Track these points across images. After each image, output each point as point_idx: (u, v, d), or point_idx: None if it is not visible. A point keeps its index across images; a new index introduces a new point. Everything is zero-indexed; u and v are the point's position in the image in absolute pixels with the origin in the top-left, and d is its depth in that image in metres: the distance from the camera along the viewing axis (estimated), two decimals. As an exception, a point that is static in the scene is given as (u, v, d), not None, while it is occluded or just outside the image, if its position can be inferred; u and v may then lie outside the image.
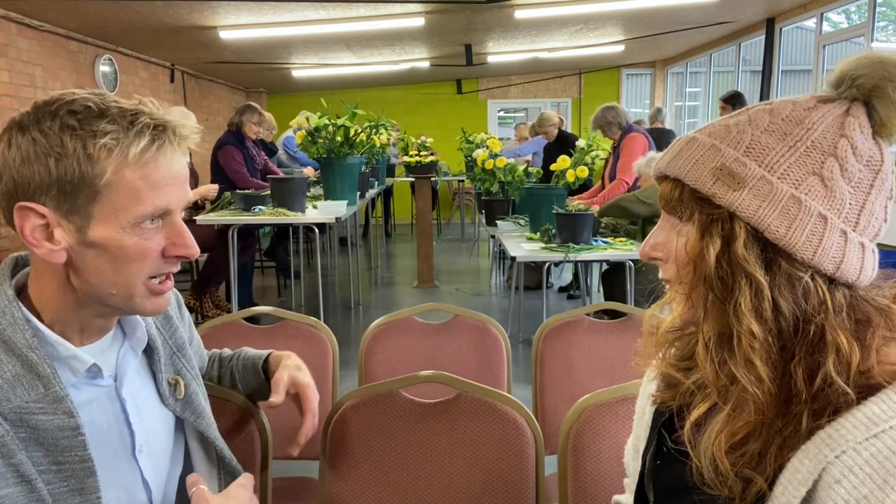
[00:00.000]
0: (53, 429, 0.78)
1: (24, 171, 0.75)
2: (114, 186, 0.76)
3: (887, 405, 0.59)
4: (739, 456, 0.65)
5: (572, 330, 1.78)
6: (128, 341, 0.93)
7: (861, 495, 0.57)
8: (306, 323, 1.76)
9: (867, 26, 5.34)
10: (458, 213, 9.86)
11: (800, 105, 0.68)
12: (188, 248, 0.84)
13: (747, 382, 0.64)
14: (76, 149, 0.75)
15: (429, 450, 1.23)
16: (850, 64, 0.67)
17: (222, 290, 4.79)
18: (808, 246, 0.63)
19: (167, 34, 5.84)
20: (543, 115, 5.96)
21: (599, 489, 1.18)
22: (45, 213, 0.76)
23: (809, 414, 0.62)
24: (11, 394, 0.77)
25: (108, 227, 0.78)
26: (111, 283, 0.80)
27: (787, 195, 0.64)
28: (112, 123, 0.76)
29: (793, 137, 0.66)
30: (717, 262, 0.66)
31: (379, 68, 8.61)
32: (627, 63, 10.10)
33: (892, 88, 0.65)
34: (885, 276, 0.69)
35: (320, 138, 4.18)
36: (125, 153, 0.76)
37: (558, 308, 5.04)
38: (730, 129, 0.69)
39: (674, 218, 0.72)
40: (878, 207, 0.67)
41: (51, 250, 0.77)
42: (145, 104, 0.80)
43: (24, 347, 0.78)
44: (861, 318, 0.65)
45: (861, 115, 0.66)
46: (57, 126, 0.75)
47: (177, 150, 0.81)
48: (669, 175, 0.71)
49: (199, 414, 1.00)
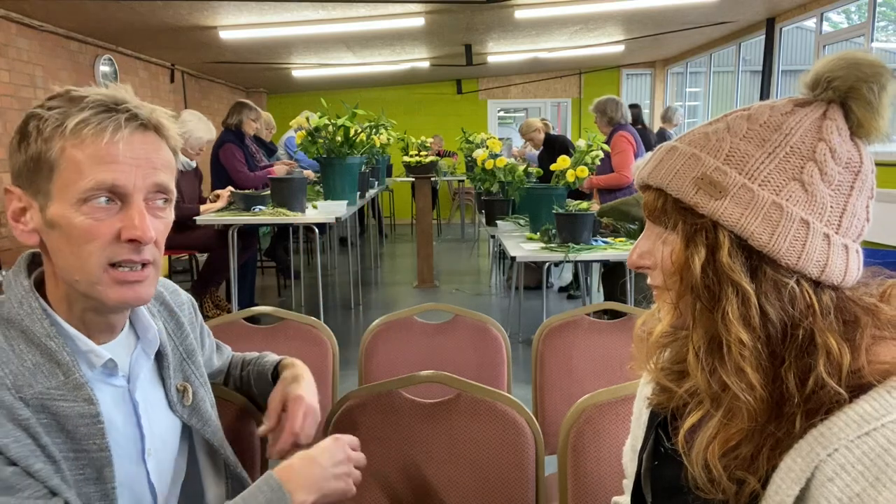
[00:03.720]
0: (74, 415, 0.80)
1: (14, 160, 0.82)
2: (61, 162, 0.79)
3: (879, 403, 0.59)
4: (732, 459, 0.65)
5: (572, 330, 1.78)
6: (140, 343, 0.93)
7: (853, 493, 0.58)
8: (306, 323, 1.76)
9: (867, 26, 5.34)
10: (458, 213, 9.86)
11: (777, 110, 0.68)
12: (137, 229, 0.79)
13: (739, 390, 0.64)
14: (35, 129, 0.79)
15: (429, 450, 1.23)
16: (825, 66, 0.67)
17: (222, 290, 4.79)
18: (791, 251, 0.64)
19: (167, 34, 5.84)
20: (526, 122, 5.94)
21: (599, 489, 1.18)
22: (20, 195, 0.82)
23: (803, 416, 0.62)
24: (33, 380, 0.78)
25: (60, 204, 0.79)
26: (72, 267, 0.81)
27: (769, 202, 0.64)
28: (63, 103, 0.80)
29: (771, 144, 0.66)
30: (702, 271, 0.66)
31: (379, 68, 8.61)
32: (627, 63, 10.10)
33: (867, 89, 0.65)
34: (872, 273, 0.69)
35: (320, 138, 4.18)
36: (66, 127, 0.78)
37: (558, 308, 5.04)
38: (709, 136, 0.69)
39: (658, 227, 0.72)
40: (860, 208, 0.67)
41: (23, 231, 0.82)
42: (115, 89, 0.82)
43: (43, 336, 0.80)
44: (849, 318, 0.65)
45: (838, 118, 0.66)
46: (33, 114, 0.81)
47: (131, 133, 0.80)
48: (652, 185, 0.71)
49: (206, 421, 1.00)
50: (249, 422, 1.20)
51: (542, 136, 5.78)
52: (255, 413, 1.20)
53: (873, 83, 0.65)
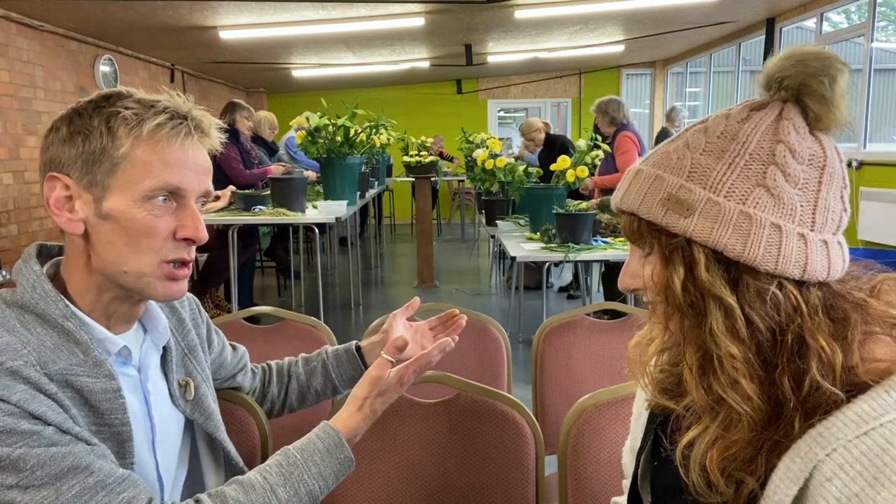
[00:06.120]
0: (98, 390, 0.82)
1: (61, 149, 0.83)
2: (129, 160, 0.82)
3: (877, 402, 0.59)
4: (730, 462, 0.66)
5: (572, 330, 1.78)
6: (149, 336, 0.96)
7: (852, 493, 0.57)
8: (306, 323, 1.75)
9: (867, 26, 5.34)
10: (458, 213, 9.86)
11: (732, 118, 0.68)
12: (195, 230, 0.86)
13: (735, 402, 0.64)
14: (100, 124, 0.82)
15: (429, 450, 1.23)
16: (774, 65, 0.67)
17: (222, 290, 4.79)
18: (768, 257, 0.63)
19: (167, 34, 5.84)
20: (526, 122, 5.96)
21: (599, 489, 1.18)
22: (69, 184, 0.83)
23: (801, 417, 0.62)
24: (55, 357, 0.80)
25: (121, 198, 0.82)
26: (123, 259, 0.83)
27: (737, 212, 0.64)
28: (136, 104, 0.84)
29: (730, 154, 0.66)
30: (683, 289, 0.66)
31: (379, 68, 8.61)
32: (627, 63, 10.10)
33: (817, 84, 0.65)
34: (864, 266, 0.69)
35: (320, 138, 4.18)
36: (141, 129, 0.82)
37: (558, 308, 5.04)
38: (670, 155, 0.69)
39: (639, 249, 0.73)
40: (833, 201, 0.66)
41: (69, 219, 0.83)
42: (172, 97, 0.87)
43: (59, 318, 0.82)
44: (838, 316, 0.65)
45: (795, 116, 0.66)
46: (91, 109, 0.84)
47: (195, 140, 0.87)
48: (624, 210, 0.72)
49: (209, 416, 1.01)
50: (248, 420, 1.21)
51: (542, 136, 5.78)
52: (253, 411, 1.20)
53: (823, 76, 0.64)
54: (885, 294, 0.67)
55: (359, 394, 0.96)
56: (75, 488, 0.74)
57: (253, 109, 5.30)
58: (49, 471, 0.73)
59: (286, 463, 0.88)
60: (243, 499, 0.83)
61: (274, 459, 0.89)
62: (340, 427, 0.93)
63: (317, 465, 0.89)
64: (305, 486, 0.87)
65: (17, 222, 4.87)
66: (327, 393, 1.24)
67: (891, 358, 0.62)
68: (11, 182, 4.83)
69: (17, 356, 0.76)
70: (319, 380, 1.24)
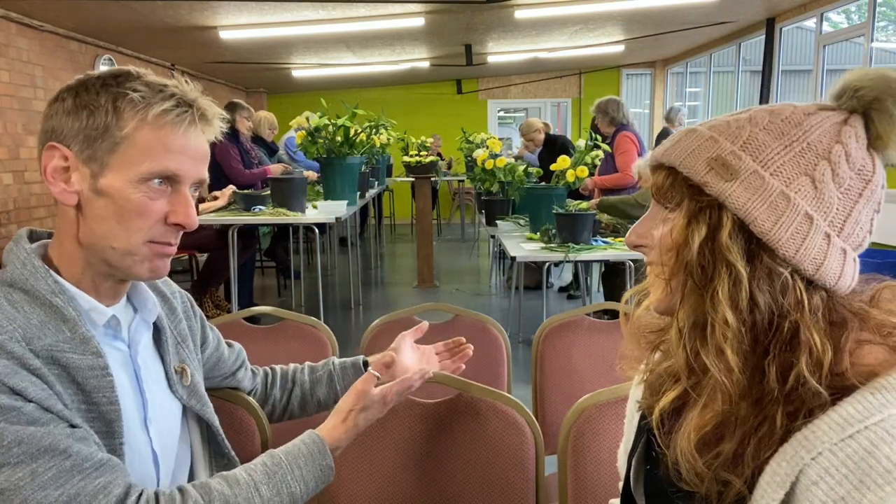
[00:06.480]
0: (84, 367, 0.81)
1: (64, 120, 0.84)
2: (131, 141, 0.83)
3: (862, 405, 0.59)
4: (714, 457, 0.66)
5: (572, 330, 1.78)
6: (139, 314, 0.96)
7: (838, 496, 0.58)
8: (306, 323, 1.75)
9: (867, 26, 5.34)
10: (458, 213, 9.86)
11: (800, 109, 0.69)
12: (186, 216, 0.87)
13: (717, 371, 0.65)
14: (107, 102, 0.83)
15: (429, 449, 1.23)
16: (854, 76, 0.69)
17: (222, 290, 4.79)
18: (791, 243, 0.64)
19: (167, 34, 5.84)
20: (526, 122, 5.96)
21: (599, 489, 1.18)
22: (68, 156, 0.83)
23: (784, 414, 0.63)
24: (41, 334, 0.80)
25: (118, 177, 0.83)
26: (112, 235, 0.84)
27: (777, 191, 0.65)
28: (144, 87, 0.85)
29: (789, 137, 0.67)
30: (700, 249, 0.67)
31: (379, 68, 8.61)
32: (627, 63, 10.10)
33: (891, 103, 0.66)
34: (866, 280, 0.70)
35: (320, 138, 4.17)
36: (147, 112, 0.83)
37: (558, 308, 5.05)
38: (730, 124, 0.70)
39: (662, 207, 0.74)
40: (865, 217, 0.67)
41: (64, 189, 0.84)
42: (180, 83, 0.88)
43: (48, 293, 0.82)
44: (836, 320, 0.66)
45: (858, 126, 0.67)
46: (99, 85, 0.84)
47: (198, 128, 0.88)
48: (665, 163, 0.72)
49: (204, 403, 1.03)
50: (248, 420, 1.21)
51: (542, 137, 5.78)
52: (253, 411, 1.20)
53: None
54: (885, 303, 0.68)
55: (343, 406, 1.00)
56: (51, 471, 0.73)
57: (253, 109, 5.32)
58: (26, 449, 0.72)
59: (271, 463, 0.91)
60: (227, 492, 0.84)
61: (259, 459, 0.92)
62: (325, 436, 0.97)
63: (300, 469, 0.91)
64: (287, 487, 0.89)
65: (17, 222, 4.87)
66: (329, 404, 1.25)
67: (878, 361, 0.63)
68: (11, 182, 4.83)
69: (1, 331, 0.76)
70: (324, 390, 1.25)
